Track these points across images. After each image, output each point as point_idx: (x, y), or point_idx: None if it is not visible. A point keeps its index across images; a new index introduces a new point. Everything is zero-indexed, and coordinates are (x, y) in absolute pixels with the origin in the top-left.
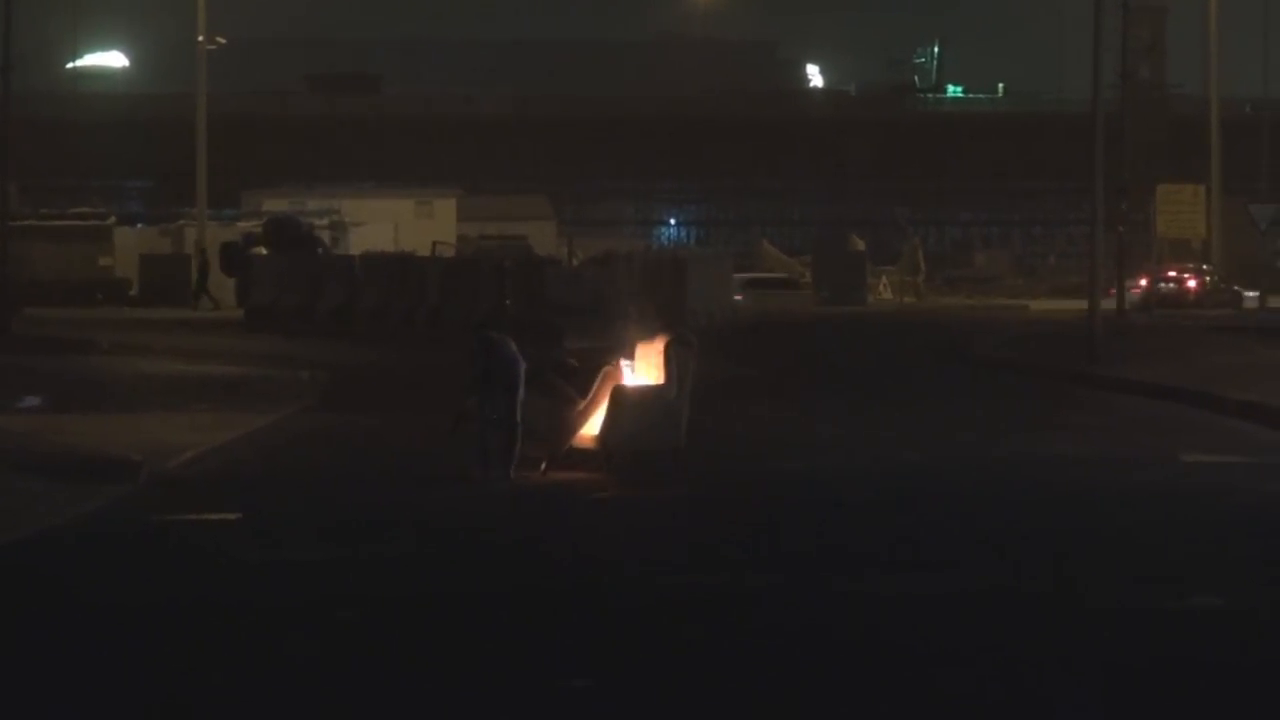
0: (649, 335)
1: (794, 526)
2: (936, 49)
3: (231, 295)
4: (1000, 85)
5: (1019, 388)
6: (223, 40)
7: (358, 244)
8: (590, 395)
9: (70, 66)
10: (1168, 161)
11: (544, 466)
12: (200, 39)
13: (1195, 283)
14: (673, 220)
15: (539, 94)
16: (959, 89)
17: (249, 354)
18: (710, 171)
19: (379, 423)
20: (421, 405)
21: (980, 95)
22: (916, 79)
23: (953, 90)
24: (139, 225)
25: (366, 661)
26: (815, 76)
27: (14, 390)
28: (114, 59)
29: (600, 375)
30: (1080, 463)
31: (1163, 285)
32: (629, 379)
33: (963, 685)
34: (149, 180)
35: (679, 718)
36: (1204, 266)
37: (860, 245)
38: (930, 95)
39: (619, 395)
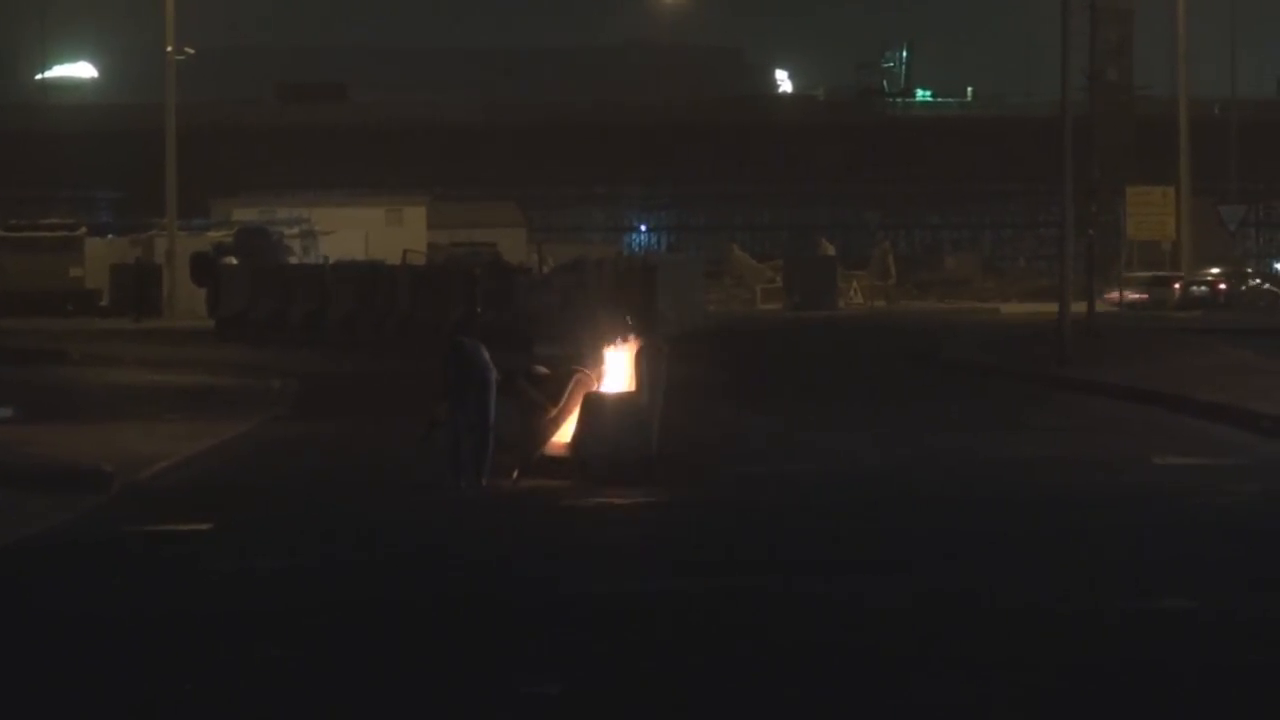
0: (620, 342)
1: (764, 531)
2: (905, 53)
3: (202, 305)
4: (969, 89)
5: (989, 390)
6: (191, 50)
7: (328, 252)
8: (562, 402)
9: (39, 78)
10: (1136, 163)
11: (516, 474)
12: (169, 49)
13: (1225, 284)
14: (643, 226)
15: (507, 100)
16: (928, 93)
17: (220, 363)
18: (679, 177)
19: (350, 431)
20: (393, 413)
21: (949, 99)
22: (885, 83)
23: (921, 94)
24: (109, 236)
25: (337, 669)
26: (784, 81)
27: None
28: (83, 70)
29: (572, 382)
30: (1051, 465)
31: (1194, 288)
32: (600, 386)
33: (933, 688)
34: (118, 191)
35: None
36: (1246, 269)
37: (830, 250)
38: (899, 99)
39: (591, 402)
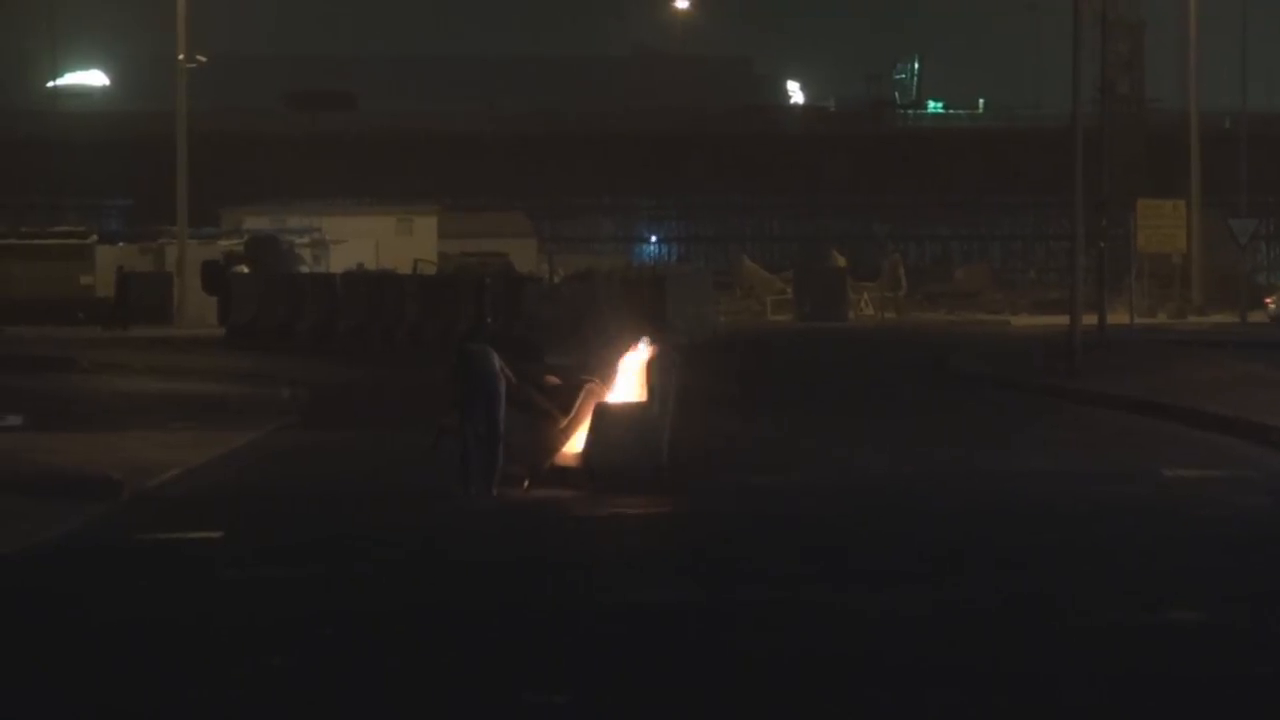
0: (630, 352)
1: (772, 542)
2: (916, 65)
3: (212, 313)
4: (980, 101)
5: (1000, 402)
6: (203, 59)
7: (338, 262)
8: (573, 412)
9: (50, 85)
10: (1147, 176)
11: (526, 484)
12: (180, 57)
13: None
14: (653, 237)
15: (516, 110)
16: (939, 104)
17: (229, 372)
18: (689, 188)
19: (360, 440)
20: (402, 422)
21: (960, 111)
22: (896, 94)
23: (933, 106)
24: (120, 244)
25: (345, 679)
26: (795, 92)
27: None
28: (94, 78)
29: (583, 392)
30: (1059, 477)
31: None
32: (611, 396)
33: (942, 701)
34: (129, 198)
35: None
36: None
37: (841, 261)
38: (910, 111)
39: (601, 412)
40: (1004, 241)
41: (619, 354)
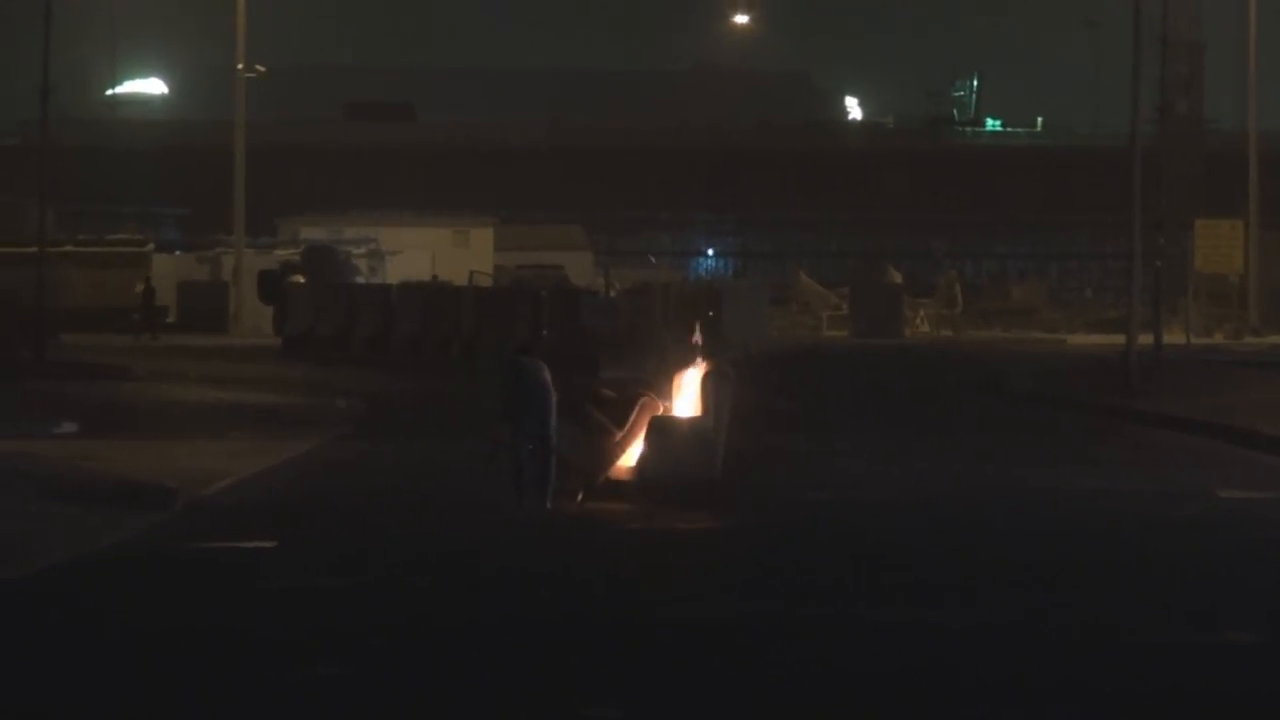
0: (686, 366)
1: (827, 558)
2: (975, 82)
3: (268, 323)
4: (1039, 119)
5: (1055, 421)
6: (262, 69)
7: (394, 273)
8: (628, 426)
9: (109, 93)
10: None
11: (580, 497)
12: (239, 66)
13: None
14: (709, 251)
15: (574, 123)
16: (998, 122)
17: (285, 381)
18: (746, 202)
19: (415, 451)
20: (457, 434)
21: (1018, 129)
22: (955, 111)
23: (991, 123)
24: (177, 252)
25: (395, 689)
26: (854, 108)
27: (49, 416)
28: (153, 86)
29: (638, 406)
30: (1114, 496)
31: None
32: (666, 409)
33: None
34: (186, 207)
35: None
36: None
37: (897, 278)
38: (968, 128)
39: (657, 426)
40: (1061, 260)
41: (674, 368)
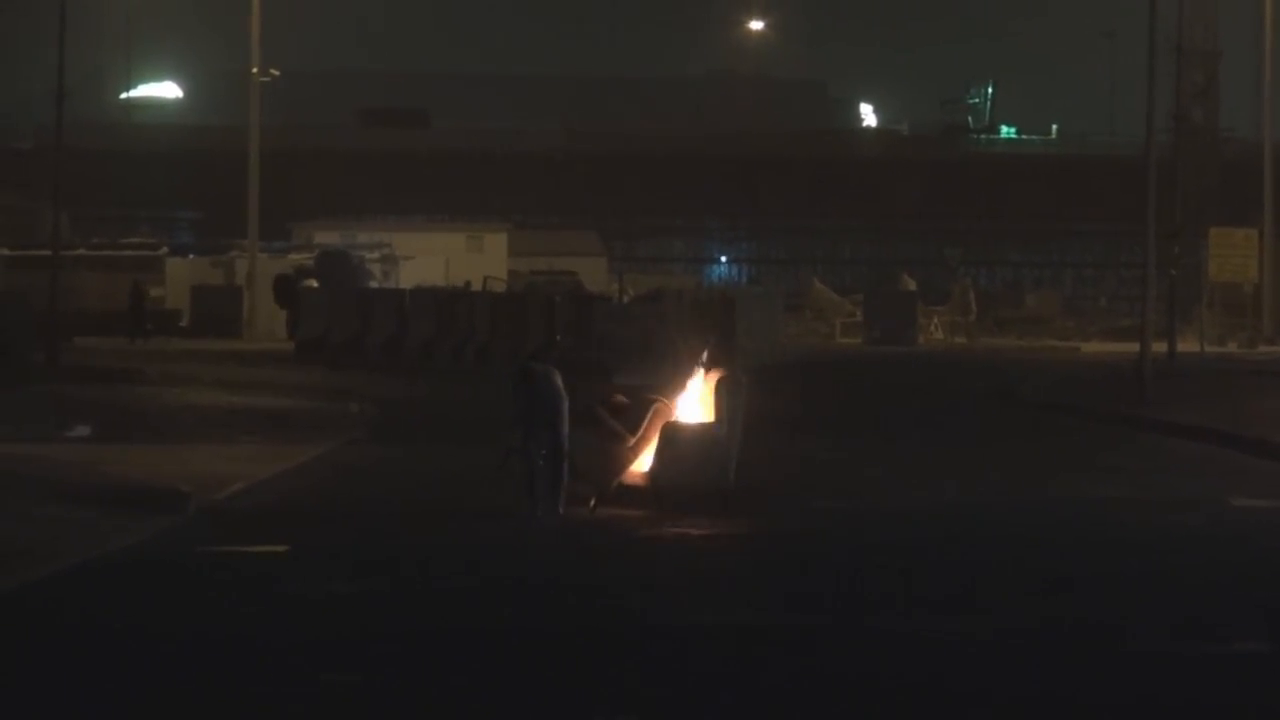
0: (700, 373)
1: (840, 566)
2: (990, 89)
3: (281, 327)
4: (1054, 127)
5: (1069, 429)
6: (276, 73)
7: (408, 277)
8: (641, 432)
9: (123, 97)
10: (1220, 205)
11: (593, 503)
12: (254, 71)
13: None
14: (723, 258)
15: (589, 129)
16: (1013, 130)
17: (297, 386)
18: (761, 210)
19: (427, 457)
20: (469, 440)
21: (1033, 136)
22: (970, 119)
23: (1006, 131)
24: (190, 256)
25: (408, 697)
26: (869, 116)
27: (62, 419)
28: (167, 90)
29: (651, 412)
30: (1127, 505)
31: None
32: (680, 416)
33: None
34: (200, 211)
35: None
36: None
37: (911, 285)
38: (983, 136)
39: (670, 432)
40: (1075, 268)
41: (687, 374)
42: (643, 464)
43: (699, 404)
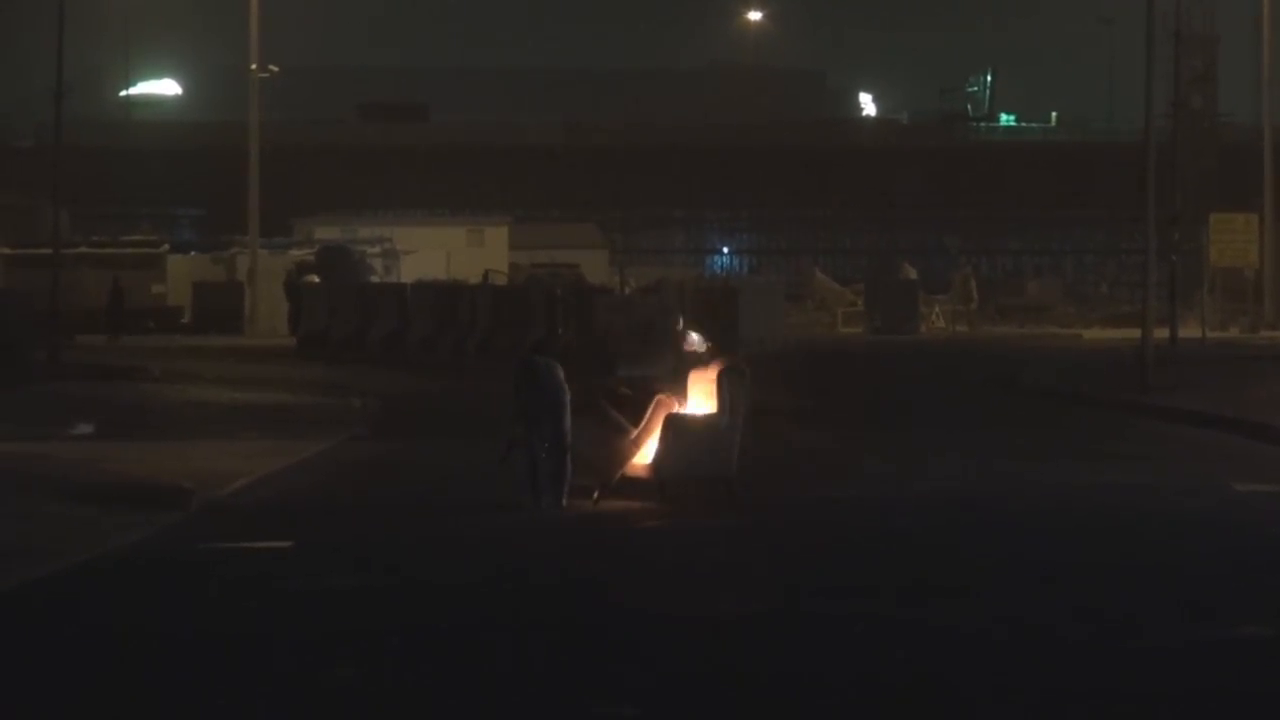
0: (702, 363)
1: (844, 555)
2: (989, 78)
3: (283, 323)
4: (1053, 114)
5: (1071, 416)
6: (275, 69)
7: (409, 272)
8: (643, 423)
9: (123, 94)
10: (1220, 190)
11: (596, 495)
12: (253, 67)
13: None
14: (724, 249)
15: (588, 122)
16: (1012, 118)
17: (300, 382)
18: (761, 200)
19: (430, 451)
20: (472, 433)
21: (1032, 124)
22: (969, 107)
23: (1006, 119)
24: (192, 253)
25: (411, 691)
26: (868, 105)
27: (65, 417)
28: (167, 87)
29: (653, 403)
30: (1131, 490)
31: None
32: (682, 407)
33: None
34: (201, 208)
35: None
36: None
37: (913, 274)
38: (983, 124)
39: (672, 424)
40: (1076, 255)
41: (690, 365)
42: (645, 455)
43: (701, 395)
